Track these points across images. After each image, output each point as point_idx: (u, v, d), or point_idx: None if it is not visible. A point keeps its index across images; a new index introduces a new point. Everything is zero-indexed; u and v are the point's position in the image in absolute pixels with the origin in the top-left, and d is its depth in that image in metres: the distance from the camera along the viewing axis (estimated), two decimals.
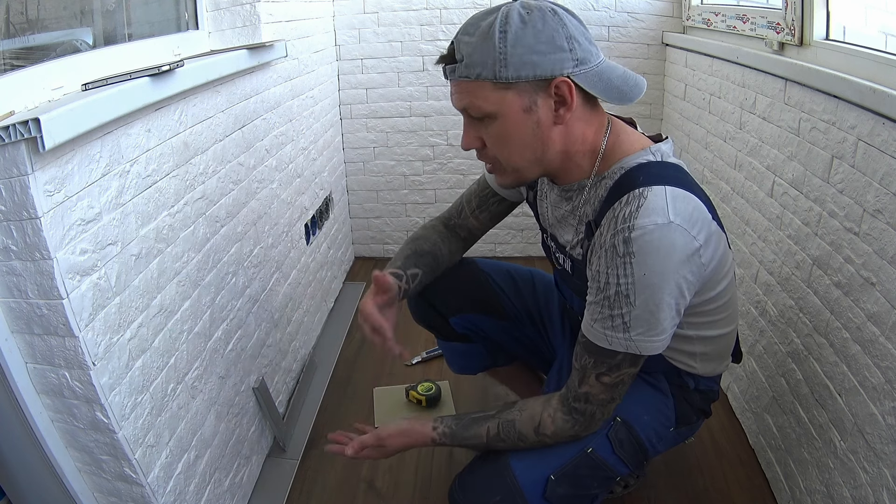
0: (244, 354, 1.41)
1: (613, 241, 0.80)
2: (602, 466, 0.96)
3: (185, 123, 1.16)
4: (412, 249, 1.14)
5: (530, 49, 0.78)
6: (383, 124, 2.44)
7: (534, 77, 0.79)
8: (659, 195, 0.79)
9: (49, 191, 0.79)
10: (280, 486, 1.44)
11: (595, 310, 0.85)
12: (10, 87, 0.86)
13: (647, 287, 0.79)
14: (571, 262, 0.97)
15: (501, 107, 0.81)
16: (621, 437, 0.96)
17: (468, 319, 1.25)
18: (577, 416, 0.91)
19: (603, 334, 0.85)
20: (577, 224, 0.94)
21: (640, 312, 0.81)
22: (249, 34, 1.54)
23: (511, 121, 0.82)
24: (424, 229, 1.20)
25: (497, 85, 0.80)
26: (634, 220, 0.78)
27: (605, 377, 0.87)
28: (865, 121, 1.04)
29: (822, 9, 1.32)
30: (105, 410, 0.89)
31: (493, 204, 1.16)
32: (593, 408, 0.90)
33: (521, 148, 0.85)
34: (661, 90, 2.32)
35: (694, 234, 0.79)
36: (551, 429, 0.92)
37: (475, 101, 0.83)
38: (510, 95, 0.80)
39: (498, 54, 0.78)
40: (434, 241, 1.16)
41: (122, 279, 0.95)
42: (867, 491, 0.99)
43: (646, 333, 0.83)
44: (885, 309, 0.97)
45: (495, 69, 0.79)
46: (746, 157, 1.57)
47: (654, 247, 0.78)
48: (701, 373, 1.02)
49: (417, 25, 2.29)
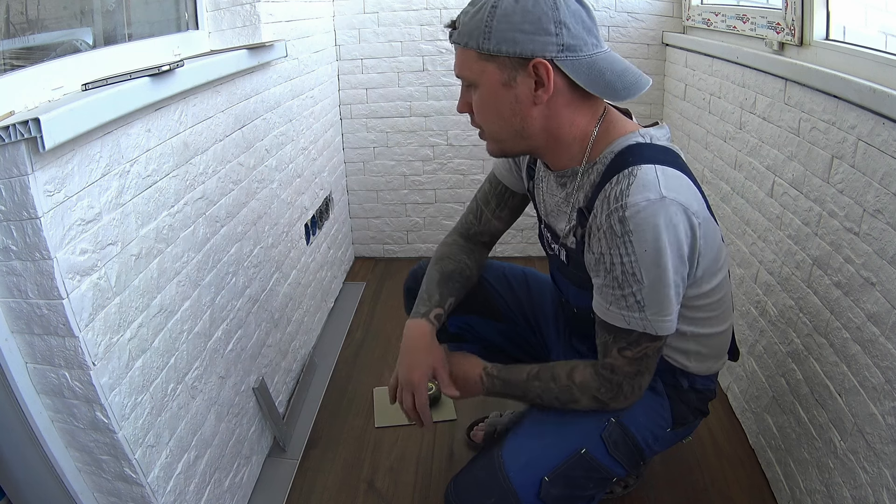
0: (244, 354, 1.41)
1: (610, 222, 0.81)
2: (597, 468, 0.96)
3: (185, 123, 1.16)
4: (440, 274, 1.12)
5: (514, 27, 0.81)
6: (383, 124, 2.44)
7: (514, 54, 0.82)
8: (649, 172, 0.81)
9: (49, 191, 0.79)
10: (280, 486, 1.44)
11: (607, 293, 0.87)
12: (10, 87, 0.86)
13: (651, 262, 0.81)
14: (566, 251, 0.98)
15: (482, 77, 0.85)
16: (616, 439, 0.96)
17: (462, 320, 1.25)
18: (604, 382, 0.92)
19: (619, 315, 0.86)
20: (570, 212, 0.95)
21: (649, 290, 0.83)
22: (249, 34, 1.54)
23: (489, 91, 0.86)
24: (447, 247, 1.18)
25: (480, 55, 0.84)
26: (626, 199, 0.80)
27: (628, 351, 0.89)
28: (865, 121, 1.04)
29: (822, 9, 1.32)
30: (105, 410, 0.89)
31: (509, 199, 1.16)
32: (620, 378, 0.91)
33: (499, 119, 0.88)
34: (661, 90, 2.32)
35: (692, 210, 0.81)
36: (580, 378, 0.94)
37: (463, 68, 0.87)
38: (490, 67, 0.84)
39: (484, 27, 0.82)
40: (459, 259, 1.15)
41: (122, 279, 0.95)
42: (867, 491, 0.99)
43: (659, 313, 0.85)
44: (885, 309, 0.97)
45: (479, 40, 0.83)
46: (746, 157, 1.57)
47: (650, 223, 0.79)
48: (695, 371, 1.02)
49: (417, 25, 2.29)
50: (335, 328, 2.13)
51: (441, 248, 1.18)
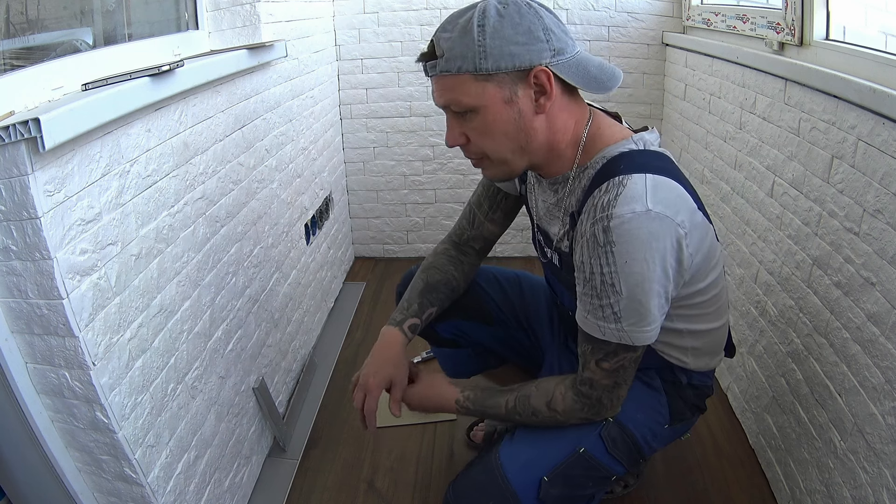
0: (244, 354, 1.41)
1: (593, 230, 0.81)
2: (596, 466, 0.96)
3: (185, 123, 1.16)
4: (424, 283, 1.13)
5: (509, 40, 0.80)
6: (383, 124, 2.44)
7: (513, 68, 0.81)
8: (639, 183, 0.80)
9: (49, 191, 0.79)
10: (280, 486, 1.44)
11: (586, 301, 0.87)
12: (10, 87, 0.86)
13: (631, 275, 0.80)
14: (559, 255, 0.98)
15: (482, 99, 0.83)
16: (614, 436, 0.96)
17: (455, 325, 1.24)
18: (585, 399, 0.92)
19: (595, 325, 0.86)
20: (563, 216, 0.95)
21: (627, 302, 0.82)
22: (249, 34, 1.54)
23: (492, 112, 0.84)
24: (436, 256, 1.18)
25: (478, 77, 0.81)
26: (612, 209, 0.79)
27: (605, 363, 0.89)
28: (865, 121, 1.04)
29: (822, 9, 1.32)
30: (105, 410, 0.89)
31: (501, 201, 1.16)
32: (598, 392, 0.91)
33: (505, 139, 0.86)
34: (661, 90, 2.32)
35: (677, 221, 0.80)
36: (562, 406, 0.94)
37: (457, 95, 0.84)
38: (490, 87, 0.82)
39: (477, 47, 0.80)
40: (446, 270, 1.16)
41: (122, 279, 0.95)
42: (867, 491, 0.99)
43: (637, 324, 0.84)
44: (885, 309, 0.97)
45: (475, 61, 0.80)
46: (746, 157, 1.57)
47: (634, 235, 0.78)
48: (693, 368, 1.02)
49: (417, 25, 2.29)
50: (335, 328, 2.13)
51: (430, 257, 1.18)
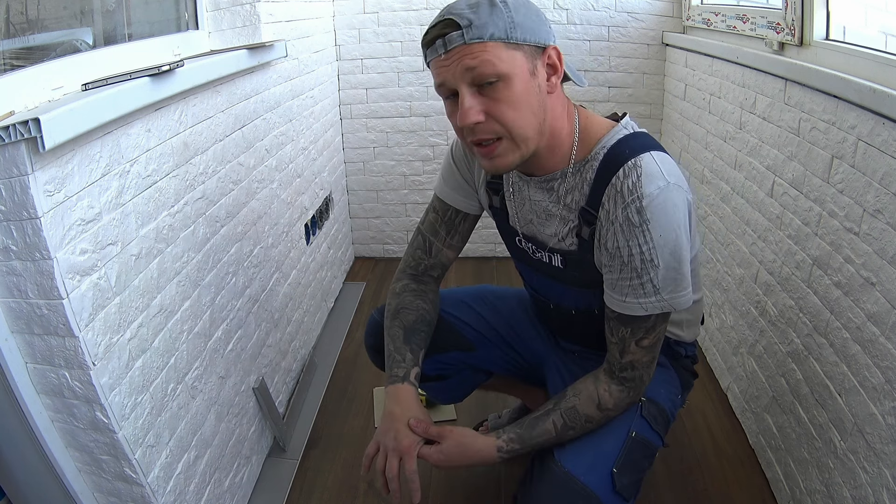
0: (244, 354, 1.41)
1: (626, 214, 0.84)
2: (648, 444, 0.99)
3: (185, 123, 1.16)
4: (403, 329, 1.07)
5: (530, 17, 0.83)
6: (383, 124, 2.44)
7: (535, 42, 0.83)
8: (650, 162, 0.85)
9: (49, 191, 0.79)
10: (280, 486, 1.44)
11: (623, 285, 0.88)
12: (10, 87, 0.86)
13: (665, 246, 0.84)
14: (561, 255, 0.98)
15: (514, 66, 0.81)
16: (654, 413, 1.00)
17: (436, 361, 1.19)
18: (629, 383, 0.94)
19: (637, 304, 0.88)
20: (566, 214, 0.94)
21: (664, 272, 0.86)
22: (249, 34, 1.54)
23: (521, 81, 0.82)
24: (399, 296, 1.11)
25: (509, 45, 0.81)
26: (641, 190, 0.83)
27: (645, 340, 0.91)
28: (865, 121, 1.04)
29: (822, 9, 1.32)
30: (105, 410, 0.89)
31: (459, 223, 1.12)
32: (640, 372, 0.94)
33: (530, 113, 0.84)
34: (661, 90, 2.32)
35: (685, 189, 0.86)
36: (612, 402, 0.95)
37: (489, 59, 0.80)
38: (520, 56, 0.82)
39: (507, 18, 0.81)
40: (416, 307, 1.10)
41: (122, 279, 0.95)
42: (867, 491, 0.99)
43: (675, 290, 0.88)
44: (885, 309, 0.97)
45: (507, 30, 0.81)
46: (746, 157, 1.57)
47: (663, 209, 0.83)
48: (687, 339, 1.10)
49: (417, 25, 2.29)
50: (335, 328, 2.13)
51: (393, 299, 1.11)
